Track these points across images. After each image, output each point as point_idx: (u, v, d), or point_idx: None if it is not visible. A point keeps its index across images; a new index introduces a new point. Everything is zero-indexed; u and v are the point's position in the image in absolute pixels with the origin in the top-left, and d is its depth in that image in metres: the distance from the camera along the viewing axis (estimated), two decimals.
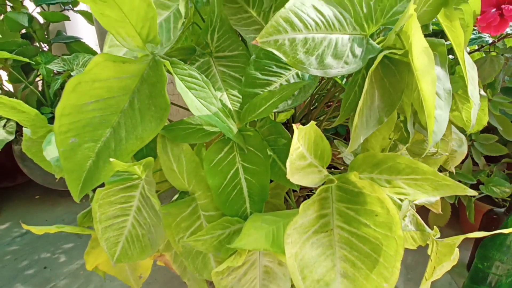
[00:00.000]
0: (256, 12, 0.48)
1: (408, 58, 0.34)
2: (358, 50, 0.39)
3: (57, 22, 1.15)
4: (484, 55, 0.63)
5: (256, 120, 0.46)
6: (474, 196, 0.97)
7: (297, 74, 0.44)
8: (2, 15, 1.11)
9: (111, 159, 0.34)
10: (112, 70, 0.35)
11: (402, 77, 0.38)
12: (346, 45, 0.39)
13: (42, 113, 1.17)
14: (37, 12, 1.15)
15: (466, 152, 0.77)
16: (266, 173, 0.41)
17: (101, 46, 1.31)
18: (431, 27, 0.57)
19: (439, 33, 0.67)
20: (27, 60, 0.99)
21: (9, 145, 1.15)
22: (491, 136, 0.97)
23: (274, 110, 0.41)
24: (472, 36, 0.59)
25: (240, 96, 0.45)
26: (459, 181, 1.00)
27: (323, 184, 0.34)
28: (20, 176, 1.32)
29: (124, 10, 0.33)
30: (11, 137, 1.08)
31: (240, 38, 0.48)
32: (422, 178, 0.33)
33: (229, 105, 0.45)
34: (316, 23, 0.37)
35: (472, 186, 1.00)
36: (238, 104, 0.45)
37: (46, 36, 1.19)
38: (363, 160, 0.36)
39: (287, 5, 0.36)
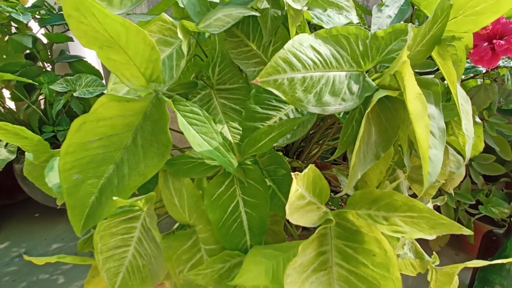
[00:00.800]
0: (256, 46, 0.50)
1: (403, 97, 0.35)
2: (355, 87, 0.40)
3: (61, 43, 1.18)
4: (479, 82, 0.65)
5: None
6: (473, 216, 0.97)
7: (296, 109, 0.45)
8: (7, 36, 1.13)
9: (114, 198, 0.34)
10: (117, 109, 0.37)
11: (398, 113, 0.39)
12: (343, 82, 0.40)
13: (44, 132, 1.18)
14: (42, 34, 1.17)
15: (464, 173, 0.77)
16: (266, 206, 0.42)
17: (103, 64, 1.34)
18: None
19: None
20: (30, 81, 1.00)
21: (9, 163, 1.15)
22: (489, 156, 0.98)
23: (274, 144, 0.42)
24: (467, 65, 0.61)
25: (241, 128, 0.46)
26: (458, 201, 1.00)
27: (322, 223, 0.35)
28: (19, 193, 1.32)
29: (129, 54, 0.34)
30: (13, 157, 1.09)
31: (240, 72, 0.49)
32: (418, 216, 0.34)
33: (230, 138, 0.46)
34: (314, 62, 0.39)
35: (471, 206, 1.01)
36: (239, 136, 0.46)
37: (50, 56, 1.21)
38: (360, 197, 0.36)
39: (286, 46, 0.38)
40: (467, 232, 0.32)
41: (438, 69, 0.61)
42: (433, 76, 0.84)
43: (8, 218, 1.28)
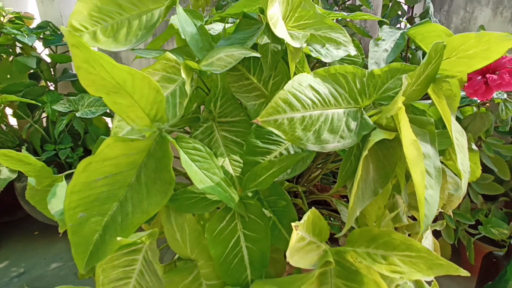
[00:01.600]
0: (256, 79, 0.51)
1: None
2: (353, 124, 0.41)
3: (65, 63, 1.20)
4: (475, 109, 0.66)
5: None
6: (473, 236, 0.97)
7: None
8: (12, 57, 1.15)
9: (118, 238, 0.35)
10: (121, 148, 0.38)
11: (395, 150, 0.40)
12: (341, 120, 0.41)
13: (46, 150, 1.19)
14: (46, 54, 1.20)
15: (462, 196, 0.78)
16: (267, 240, 0.43)
17: None
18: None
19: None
20: (32, 102, 1.02)
21: (10, 181, 1.16)
22: (487, 176, 0.99)
23: (274, 180, 0.42)
24: (462, 94, 0.62)
25: (241, 161, 0.47)
26: (458, 221, 1.01)
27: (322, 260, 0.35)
28: (19, 211, 1.32)
29: (135, 98, 0.36)
30: (14, 176, 1.10)
31: (241, 105, 0.50)
32: (416, 255, 0.34)
33: (231, 171, 0.47)
34: (313, 101, 0.40)
35: (471, 225, 1.01)
36: (240, 169, 0.47)
37: (53, 75, 1.23)
38: (359, 235, 0.37)
39: (285, 87, 0.39)
40: (464, 273, 0.32)
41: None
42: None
43: (7, 236, 1.28)
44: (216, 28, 0.69)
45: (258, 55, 0.42)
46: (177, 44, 0.72)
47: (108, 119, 1.34)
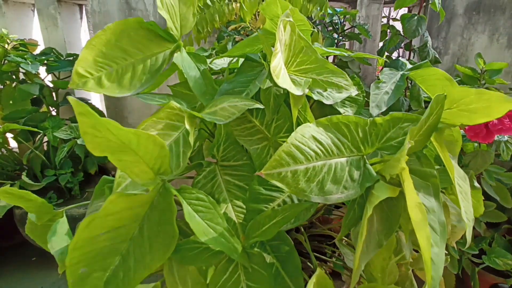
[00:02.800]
0: (259, 122, 0.52)
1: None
2: (356, 174, 0.41)
3: (67, 88, 1.21)
4: (475, 144, 0.66)
5: None
6: (478, 265, 0.96)
7: None
8: (15, 83, 1.16)
9: None
10: (125, 203, 0.37)
11: (399, 202, 0.40)
12: (344, 170, 0.41)
13: (46, 175, 1.19)
14: (49, 81, 1.21)
15: (465, 227, 0.77)
16: None
17: (107, 106, 1.37)
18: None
19: None
20: (34, 129, 1.02)
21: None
22: (489, 204, 0.98)
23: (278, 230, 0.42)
24: (463, 133, 0.63)
25: (244, 207, 0.47)
26: (461, 250, 0.99)
27: None
28: (17, 235, 1.30)
29: (140, 154, 0.36)
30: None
31: (244, 149, 0.51)
32: None
33: (234, 218, 0.46)
34: (316, 153, 0.40)
35: (475, 255, 1.00)
36: (243, 215, 0.47)
37: (55, 100, 1.24)
38: None
39: (289, 140, 0.39)
40: None
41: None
42: None
43: (5, 262, 1.26)
44: (218, 62, 0.70)
45: (261, 106, 0.42)
46: (179, 78, 0.73)
47: None
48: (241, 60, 0.59)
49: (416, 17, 0.83)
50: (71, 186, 1.22)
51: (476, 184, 0.62)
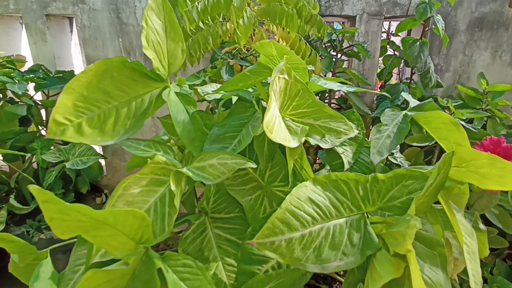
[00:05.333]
0: (252, 170, 0.48)
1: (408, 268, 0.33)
2: (356, 238, 0.38)
3: None
4: None
5: None
6: None
7: None
8: (2, 102, 1.12)
9: None
10: (103, 278, 0.34)
11: (402, 277, 0.37)
12: (343, 233, 0.38)
13: (35, 198, 1.15)
14: (38, 100, 1.17)
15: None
16: None
17: None
18: None
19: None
20: (21, 153, 0.98)
21: None
22: (491, 230, 0.96)
23: None
24: None
25: (236, 264, 0.44)
26: (460, 277, 0.97)
27: None
28: (7, 257, 1.26)
29: (118, 228, 0.32)
30: (1, 227, 1.05)
31: (236, 200, 0.47)
32: None
33: (225, 279, 0.43)
34: (312, 217, 0.37)
35: None
36: (234, 275, 0.44)
37: (44, 120, 1.20)
38: None
39: (283, 205, 0.36)
40: None
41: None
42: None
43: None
44: (209, 91, 0.67)
45: (253, 165, 0.39)
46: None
47: (101, 160, 1.31)
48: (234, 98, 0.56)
49: (418, 43, 0.79)
50: None
51: (481, 226, 0.59)
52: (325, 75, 1.12)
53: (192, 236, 0.45)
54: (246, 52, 0.89)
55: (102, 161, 1.41)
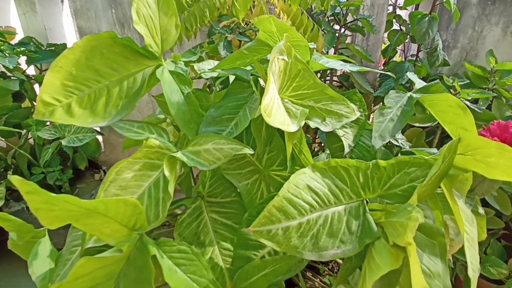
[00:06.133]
0: (249, 153, 0.47)
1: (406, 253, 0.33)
2: (354, 225, 0.37)
3: None
4: None
5: None
6: None
7: None
8: None
9: None
10: (96, 264, 0.34)
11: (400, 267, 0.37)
12: (342, 221, 0.37)
13: (33, 174, 1.15)
14: (31, 75, 1.13)
15: (463, 241, 0.75)
16: None
17: None
18: None
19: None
20: (16, 130, 0.97)
21: None
22: (488, 211, 0.96)
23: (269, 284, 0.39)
24: None
25: (233, 249, 0.44)
26: (454, 257, 0.98)
27: None
28: (6, 232, 1.28)
29: (110, 216, 0.31)
30: (1, 203, 1.06)
31: (233, 184, 0.46)
32: None
33: (221, 263, 0.43)
34: (311, 205, 0.36)
35: None
36: (230, 259, 0.43)
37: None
38: None
39: (280, 192, 0.35)
40: None
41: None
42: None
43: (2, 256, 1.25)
44: (205, 68, 0.64)
45: (250, 151, 0.37)
46: None
47: (99, 136, 1.29)
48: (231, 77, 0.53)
49: (427, 18, 0.75)
50: (60, 183, 1.18)
51: (480, 210, 0.59)
52: (327, 52, 1.07)
53: (188, 220, 0.44)
54: (245, 26, 0.85)
55: (100, 137, 1.40)
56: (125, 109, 0.45)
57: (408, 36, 1.07)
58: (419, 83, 0.53)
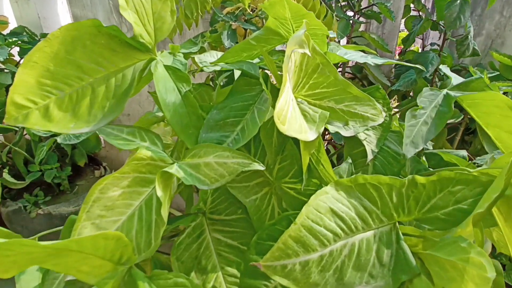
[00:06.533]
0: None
1: None
2: (386, 255, 0.31)
3: None
4: None
5: None
6: None
7: None
8: None
9: None
10: None
11: None
12: (370, 250, 0.31)
13: (30, 171, 1.10)
14: None
15: (490, 249, 0.69)
16: None
17: None
18: None
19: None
20: (8, 127, 0.91)
21: None
22: None
23: None
24: None
25: (239, 275, 0.38)
26: None
27: None
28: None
29: (87, 252, 0.25)
30: None
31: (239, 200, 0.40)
32: None
33: None
34: (335, 233, 0.30)
35: None
36: (237, 287, 0.37)
37: None
38: None
39: (298, 220, 0.29)
40: None
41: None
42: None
43: None
44: (208, 60, 0.57)
45: (261, 167, 0.31)
46: None
47: None
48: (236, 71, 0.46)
49: (458, 1, 0.66)
50: (59, 181, 1.13)
51: None
52: (339, 42, 0.99)
53: (187, 241, 0.38)
54: (251, 13, 0.77)
55: None
56: (112, 111, 0.38)
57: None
58: (455, 79, 0.45)
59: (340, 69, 1.07)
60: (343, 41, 1.06)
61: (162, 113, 0.62)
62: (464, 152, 0.63)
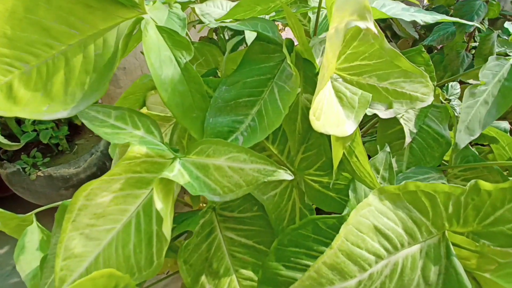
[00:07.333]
0: (277, 150, 0.33)
1: None
2: (433, 273, 0.26)
3: None
4: None
5: None
6: None
7: None
8: None
9: None
10: None
11: None
12: (416, 268, 0.26)
13: (24, 132, 1.04)
14: None
15: None
16: None
17: None
18: None
19: None
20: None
21: None
22: None
23: None
24: None
25: (255, 278, 0.33)
26: None
27: None
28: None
29: None
30: None
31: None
32: None
33: None
34: (377, 255, 0.24)
35: None
36: None
37: None
38: None
39: (335, 243, 0.23)
40: None
41: None
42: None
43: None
44: (213, 12, 0.46)
45: (289, 176, 0.24)
46: None
47: None
48: (249, 35, 0.37)
49: None
50: (56, 141, 1.08)
51: None
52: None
53: (196, 241, 0.33)
54: None
55: None
56: (95, 88, 0.30)
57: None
58: None
59: None
60: None
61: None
62: (505, 124, 0.55)
